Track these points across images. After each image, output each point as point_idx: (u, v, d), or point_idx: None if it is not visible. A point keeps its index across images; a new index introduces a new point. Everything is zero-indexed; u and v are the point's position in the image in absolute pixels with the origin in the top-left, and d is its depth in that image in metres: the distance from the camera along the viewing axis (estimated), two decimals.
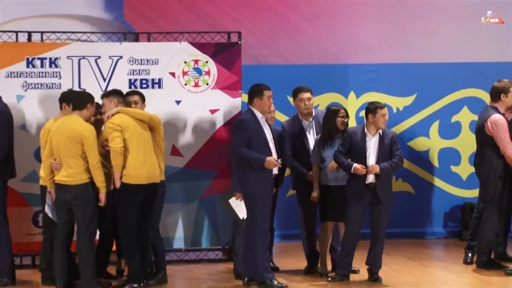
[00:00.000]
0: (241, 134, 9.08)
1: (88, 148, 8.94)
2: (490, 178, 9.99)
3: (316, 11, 11.96)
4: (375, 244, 9.51)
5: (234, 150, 9.14)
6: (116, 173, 8.96)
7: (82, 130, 8.94)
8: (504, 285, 9.51)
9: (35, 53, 10.15)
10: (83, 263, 9.10)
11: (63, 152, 8.98)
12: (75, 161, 8.98)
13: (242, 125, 9.14)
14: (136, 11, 11.60)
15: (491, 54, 11.94)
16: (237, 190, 9.40)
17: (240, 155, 9.09)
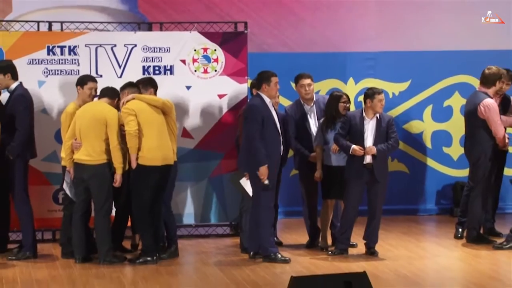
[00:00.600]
0: (255, 119, 9.08)
1: (110, 130, 9.05)
2: (481, 159, 10.00)
3: (318, 2, 11.92)
4: (372, 220, 9.56)
5: (250, 137, 9.09)
6: (132, 155, 9.02)
7: (106, 113, 9.08)
8: (492, 258, 9.51)
9: (55, 42, 10.17)
10: (100, 238, 9.20)
11: (85, 133, 9.08)
12: (97, 143, 9.07)
13: (255, 109, 9.14)
14: (149, 3, 11.55)
15: (481, 42, 11.91)
16: (244, 170, 9.41)
17: (252, 143, 9.08)
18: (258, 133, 9.07)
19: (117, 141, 9.06)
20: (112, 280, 8.56)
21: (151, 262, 9.14)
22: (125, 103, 9.06)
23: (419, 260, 9.50)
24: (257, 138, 9.06)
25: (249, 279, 8.62)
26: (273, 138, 9.20)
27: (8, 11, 11.22)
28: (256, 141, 9.07)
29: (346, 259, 9.44)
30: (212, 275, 8.86)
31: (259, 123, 9.10)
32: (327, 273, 8.19)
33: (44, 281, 8.53)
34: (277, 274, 8.75)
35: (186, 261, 9.62)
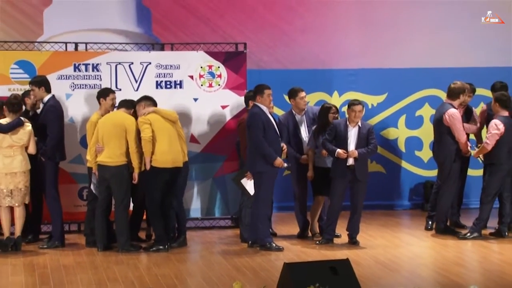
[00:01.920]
0: (258, 125, 9.11)
1: (129, 135, 9.10)
2: (446, 161, 10.02)
3: (307, 25, 11.90)
4: (354, 214, 9.58)
5: (256, 142, 9.11)
6: (146, 158, 9.08)
7: (125, 120, 9.14)
8: (458, 247, 9.53)
9: (81, 60, 10.17)
10: (119, 230, 9.24)
11: (107, 138, 9.12)
12: (116, 147, 9.11)
13: (256, 117, 9.15)
14: (162, 26, 11.53)
15: (447, 61, 11.89)
16: (250, 171, 9.37)
17: (260, 146, 9.10)
18: (262, 136, 9.13)
19: (135, 144, 9.13)
20: (129, 265, 8.56)
21: (163, 250, 9.18)
22: (146, 114, 9.15)
23: (395, 248, 9.50)
24: (263, 141, 9.11)
25: (248, 265, 8.62)
26: (274, 140, 9.24)
27: (40, 33, 11.21)
28: (263, 143, 9.11)
29: (332, 248, 9.45)
30: (215, 261, 8.86)
31: (261, 129, 9.13)
32: (315, 259, 8.28)
33: (70, 267, 8.54)
34: (272, 261, 8.75)
35: (193, 249, 9.62)
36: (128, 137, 9.12)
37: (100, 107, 9.46)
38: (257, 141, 9.14)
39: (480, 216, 9.92)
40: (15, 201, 9.16)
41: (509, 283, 7.76)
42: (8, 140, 9.09)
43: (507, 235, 9.95)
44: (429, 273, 8.46)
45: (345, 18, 11.96)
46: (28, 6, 11.25)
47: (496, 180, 9.81)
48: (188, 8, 11.61)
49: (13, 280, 8.03)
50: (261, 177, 9.23)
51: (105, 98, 9.39)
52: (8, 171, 9.09)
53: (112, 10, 11.42)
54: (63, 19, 11.24)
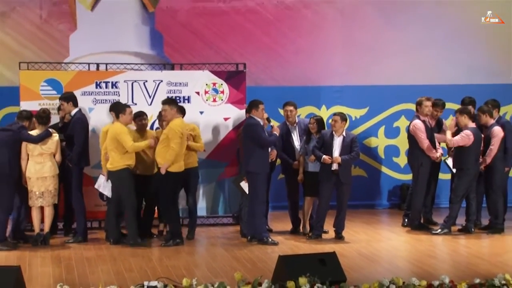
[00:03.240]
0: (260, 131, 9.23)
1: (121, 139, 9.02)
2: (415, 165, 10.08)
3: (298, 48, 11.89)
4: (340, 213, 9.59)
5: (265, 139, 9.20)
6: (166, 164, 9.03)
7: (116, 129, 9.10)
8: (430, 241, 9.55)
9: (102, 78, 10.16)
10: (128, 225, 9.24)
11: (108, 147, 9.13)
12: (113, 153, 9.08)
13: (257, 125, 9.25)
14: (172, 49, 11.51)
15: (420, 78, 11.87)
16: (245, 174, 9.39)
17: (268, 141, 9.24)
18: (263, 135, 9.23)
19: (129, 144, 9.01)
20: (143, 258, 8.57)
21: (180, 243, 9.16)
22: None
23: (376, 242, 9.52)
24: (266, 137, 9.22)
25: (247, 256, 8.65)
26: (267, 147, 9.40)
27: (66, 55, 11.20)
28: (267, 139, 9.24)
29: (320, 242, 9.45)
30: (219, 254, 8.89)
31: (262, 132, 9.25)
32: (306, 252, 8.28)
33: (92, 259, 8.56)
34: (268, 254, 8.77)
35: (200, 243, 9.61)
36: (120, 141, 9.03)
37: (119, 119, 9.27)
38: (267, 139, 9.22)
39: (450, 214, 9.95)
40: (45, 202, 9.17)
41: (475, 273, 7.77)
42: (38, 149, 9.11)
43: (473, 231, 10.00)
44: (405, 264, 8.48)
45: (331, 42, 11.95)
46: (56, 31, 11.25)
47: (464, 183, 9.84)
48: (195, 33, 11.60)
49: (42, 271, 8.05)
50: (254, 178, 9.24)
51: (124, 113, 9.23)
52: (39, 175, 9.10)
53: (129, 35, 11.40)
54: (86, 43, 11.22)
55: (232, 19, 11.69)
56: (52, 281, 7.59)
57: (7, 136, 9.06)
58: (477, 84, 11.84)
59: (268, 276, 7.34)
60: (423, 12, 12.02)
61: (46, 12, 11.18)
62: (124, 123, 9.24)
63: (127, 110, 9.23)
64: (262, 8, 11.80)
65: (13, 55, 11.01)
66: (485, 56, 12.15)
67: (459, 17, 12.12)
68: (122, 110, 9.23)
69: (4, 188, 8.98)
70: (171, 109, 9.13)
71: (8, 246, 9.01)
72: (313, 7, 11.91)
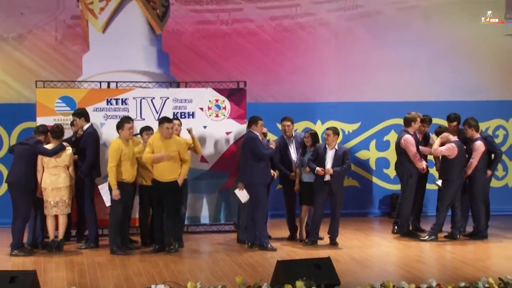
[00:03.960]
0: (259, 144, 9.27)
1: (108, 155, 9.09)
2: (404, 177, 10.10)
3: (295, 67, 11.90)
4: (333, 221, 9.59)
5: (263, 152, 9.25)
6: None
7: (110, 144, 9.15)
8: (418, 248, 9.55)
9: (112, 95, 10.17)
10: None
11: None
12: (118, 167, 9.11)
13: (256, 139, 9.30)
14: (178, 68, 11.51)
15: (408, 96, 11.87)
16: (243, 181, 9.41)
17: (266, 153, 9.29)
18: (262, 149, 9.28)
19: (111, 163, 8.97)
20: (151, 263, 8.56)
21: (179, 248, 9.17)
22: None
23: (368, 248, 9.51)
24: (264, 151, 9.28)
25: (247, 261, 8.65)
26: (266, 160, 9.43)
27: (79, 74, 11.20)
28: (264, 152, 9.27)
29: (316, 248, 9.46)
30: (221, 259, 8.88)
31: (260, 146, 9.27)
32: (303, 258, 8.26)
33: (103, 264, 8.56)
34: (267, 259, 8.76)
35: (203, 249, 9.60)
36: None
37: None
38: (264, 152, 9.26)
39: (437, 222, 9.96)
40: (60, 210, 9.18)
41: (460, 277, 7.77)
42: (53, 162, 9.13)
43: (459, 237, 10.00)
44: (395, 269, 8.49)
45: (326, 61, 11.96)
46: (70, 52, 11.28)
47: (449, 193, 9.86)
48: (199, 53, 11.62)
49: (56, 275, 8.05)
50: (255, 188, 9.26)
51: (123, 129, 9.17)
52: (54, 186, 9.12)
53: (138, 55, 11.41)
54: (98, 62, 11.23)
55: (233, 41, 11.72)
56: (66, 285, 7.60)
57: (24, 150, 9.09)
58: (460, 100, 11.88)
59: (267, 279, 7.36)
60: (411, 35, 12.06)
61: (61, 34, 11.21)
62: (124, 138, 9.16)
63: (125, 126, 9.15)
64: (261, 30, 11.83)
65: (30, 74, 11.04)
66: (468, 75, 12.18)
67: (444, 39, 12.14)
68: (121, 126, 9.18)
69: (21, 198, 8.99)
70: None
71: (25, 252, 9.03)
72: (309, 29, 11.95)
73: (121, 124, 9.20)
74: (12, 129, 10.98)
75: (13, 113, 10.86)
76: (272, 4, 11.79)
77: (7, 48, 11.10)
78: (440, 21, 12.16)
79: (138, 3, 11.38)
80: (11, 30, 11.07)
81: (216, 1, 11.63)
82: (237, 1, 11.71)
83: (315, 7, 11.92)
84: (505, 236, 10.20)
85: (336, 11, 11.97)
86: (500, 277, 7.44)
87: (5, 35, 11.08)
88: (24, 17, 11.10)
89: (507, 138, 12.39)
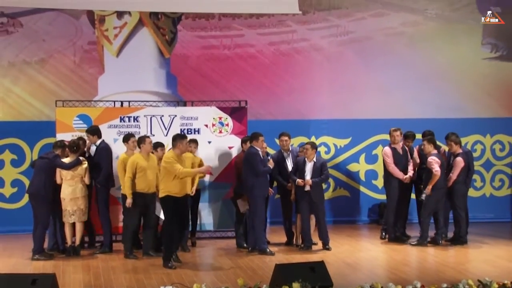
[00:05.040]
0: (259, 160, 9.25)
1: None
2: (386, 186, 10.14)
3: (292, 87, 11.91)
4: (320, 226, 9.53)
5: (260, 169, 9.21)
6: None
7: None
8: (404, 251, 9.53)
9: (125, 113, 10.18)
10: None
11: None
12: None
13: (256, 154, 9.28)
14: (185, 88, 11.52)
15: (394, 113, 11.87)
16: (244, 192, 9.41)
17: (263, 171, 9.25)
18: (261, 166, 9.23)
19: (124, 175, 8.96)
20: (160, 266, 8.49)
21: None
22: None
23: (358, 252, 9.50)
24: (262, 168, 9.22)
25: (248, 265, 8.63)
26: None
27: (95, 94, 11.22)
28: (261, 169, 9.23)
29: (310, 253, 9.43)
30: (224, 262, 8.85)
31: (260, 161, 9.26)
32: (299, 261, 8.27)
33: (117, 268, 8.53)
34: (266, 262, 8.74)
35: (208, 254, 9.59)
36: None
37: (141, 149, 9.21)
38: (262, 170, 9.23)
39: (423, 229, 9.90)
40: (77, 218, 9.17)
41: (442, 279, 7.76)
42: (71, 174, 9.13)
43: (441, 242, 9.97)
44: (383, 271, 8.47)
45: (319, 82, 11.98)
46: (87, 74, 11.31)
47: (432, 202, 9.83)
48: (204, 75, 11.64)
49: (74, 278, 8.05)
50: (255, 199, 9.26)
51: (144, 143, 9.14)
52: (72, 196, 9.12)
53: (148, 77, 11.42)
54: (112, 84, 11.25)
55: (235, 63, 11.75)
56: (83, 286, 7.60)
57: (43, 163, 9.09)
58: (441, 118, 11.89)
59: (266, 281, 7.34)
60: (396, 58, 12.08)
61: (78, 58, 11.25)
62: (145, 152, 9.09)
63: (146, 140, 9.12)
64: (260, 54, 11.87)
65: (50, 94, 11.07)
66: (448, 95, 12.19)
67: (427, 63, 12.17)
68: (142, 141, 9.09)
69: (41, 208, 8.99)
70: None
71: (45, 256, 9.03)
72: (304, 53, 11.99)
73: (142, 139, 9.11)
74: (34, 145, 10.99)
75: (35, 130, 10.89)
76: (271, 31, 11.84)
77: (30, 71, 11.15)
78: (423, 47, 12.21)
79: (148, 29, 11.44)
80: (34, 55, 11.13)
81: (220, 27, 11.69)
82: (238, 28, 11.76)
83: (309, 34, 11.98)
84: (483, 242, 10.18)
85: (328, 37, 12.03)
86: (479, 279, 7.44)
87: (28, 59, 11.13)
88: (46, 43, 11.16)
89: (484, 152, 12.41)
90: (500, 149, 12.44)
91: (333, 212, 11.70)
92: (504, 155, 12.45)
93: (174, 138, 8.50)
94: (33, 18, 11.09)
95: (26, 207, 9.88)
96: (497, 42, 12.40)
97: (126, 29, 11.35)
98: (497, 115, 12.34)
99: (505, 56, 12.43)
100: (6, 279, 6.84)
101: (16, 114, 11.01)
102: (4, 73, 11.06)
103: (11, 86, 11.07)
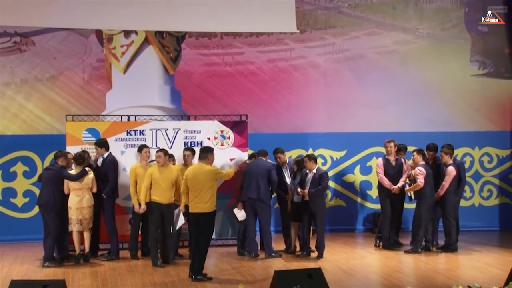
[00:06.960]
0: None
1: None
2: (381, 197, 10.15)
3: (290, 103, 11.91)
4: (318, 236, 9.49)
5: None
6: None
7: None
8: (397, 258, 9.48)
9: (131, 127, 10.19)
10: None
11: None
12: None
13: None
14: (188, 103, 11.53)
15: (387, 127, 11.85)
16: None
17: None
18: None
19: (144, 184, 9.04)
20: (164, 273, 8.51)
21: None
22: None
23: (353, 260, 9.47)
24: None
25: (249, 272, 8.62)
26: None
27: (103, 109, 11.22)
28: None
29: (308, 260, 9.41)
30: (225, 269, 8.84)
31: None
32: (297, 268, 8.23)
33: (123, 273, 8.53)
34: (266, 269, 8.71)
35: (210, 261, 9.46)
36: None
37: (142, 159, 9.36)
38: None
39: (416, 238, 9.88)
40: (83, 227, 9.16)
41: (433, 285, 7.76)
42: (78, 184, 9.12)
43: (432, 250, 9.97)
44: (377, 278, 8.44)
45: (316, 98, 11.99)
46: (96, 90, 11.32)
47: (423, 211, 9.82)
48: (206, 91, 11.65)
49: (83, 283, 8.04)
50: (267, 209, 9.37)
51: (140, 152, 9.28)
52: (79, 206, 9.10)
53: (154, 92, 11.43)
54: (119, 99, 11.26)
55: (236, 80, 11.77)
56: None
57: (51, 175, 9.09)
58: (432, 131, 11.89)
59: (266, 287, 7.34)
60: (389, 75, 12.11)
61: (87, 75, 11.27)
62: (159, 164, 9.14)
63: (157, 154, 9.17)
64: (260, 71, 11.89)
65: (61, 109, 11.08)
66: (439, 110, 12.21)
67: (418, 79, 12.19)
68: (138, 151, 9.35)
69: (51, 217, 8.98)
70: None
71: (55, 263, 9.02)
72: (301, 70, 12.01)
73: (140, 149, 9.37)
74: (45, 157, 10.99)
75: (46, 143, 10.88)
76: (270, 49, 11.87)
77: (41, 88, 11.17)
78: (414, 64, 12.25)
79: (154, 48, 11.48)
80: (45, 72, 11.16)
81: (221, 46, 11.72)
82: (239, 46, 11.80)
83: (306, 51, 12.01)
84: (472, 249, 10.17)
85: (324, 54, 12.06)
86: (468, 284, 7.42)
87: (40, 76, 11.16)
88: (57, 61, 11.19)
89: (474, 164, 12.42)
90: (488, 161, 12.46)
91: (330, 221, 11.64)
92: (492, 167, 12.47)
93: (206, 150, 8.31)
94: (44, 37, 11.15)
95: (37, 217, 9.83)
96: (484, 60, 12.47)
97: (132, 47, 11.40)
98: (485, 129, 12.37)
99: (492, 73, 12.49)
100: (19, 285, 6.85)
101: (28, 128, 11.04)
102: (18, 89, 11.10)
103: (24, 102, 11.10)
